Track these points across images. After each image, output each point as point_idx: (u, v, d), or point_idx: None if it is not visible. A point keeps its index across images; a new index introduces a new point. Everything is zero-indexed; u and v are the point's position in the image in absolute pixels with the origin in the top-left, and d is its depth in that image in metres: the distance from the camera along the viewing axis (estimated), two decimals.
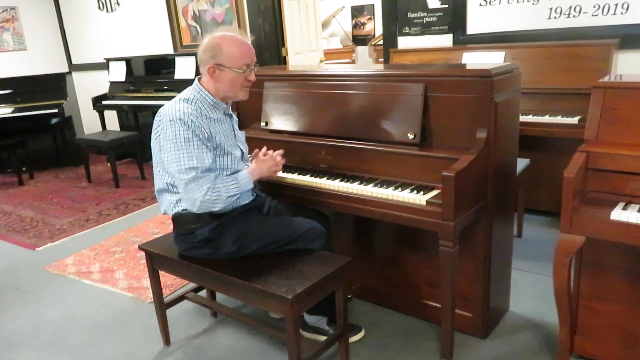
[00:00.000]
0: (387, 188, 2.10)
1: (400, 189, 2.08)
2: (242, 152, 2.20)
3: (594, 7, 3.59)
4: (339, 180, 2.26)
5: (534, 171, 3.35)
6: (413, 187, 2.10)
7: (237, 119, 2.34)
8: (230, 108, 2.19)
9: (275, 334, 2.09)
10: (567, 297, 1.84)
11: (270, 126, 2.63)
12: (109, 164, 5.63)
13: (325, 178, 2.30)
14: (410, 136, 2.16)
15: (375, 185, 2.15)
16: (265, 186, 2.42)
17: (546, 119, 3.18)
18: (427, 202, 1.96)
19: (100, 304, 2.88)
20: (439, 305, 2.38)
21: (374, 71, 2.40)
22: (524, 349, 2.24)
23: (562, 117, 3.16)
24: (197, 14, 5.58)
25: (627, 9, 3.47)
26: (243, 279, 1.91)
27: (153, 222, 4.08)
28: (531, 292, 2.66)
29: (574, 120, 3.10)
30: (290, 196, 2.37)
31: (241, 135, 2.27)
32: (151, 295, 2.87)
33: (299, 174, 2.39)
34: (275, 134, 2.61)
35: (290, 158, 2.54)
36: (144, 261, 3.34)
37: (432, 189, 2.06)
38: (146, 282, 3.06)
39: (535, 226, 3.48)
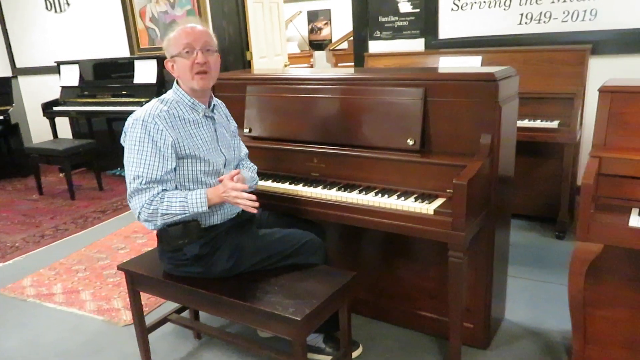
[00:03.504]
0: (389, 197, 2.00)
1: (403, 198, 1.99)
2: (225, 159, 2.01)
3: (564, 13, 3.65)
4: (335, 189, 2.14)
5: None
6: (416, 195, 2.01)
7: (234, 124, 2.19)
8: (213, 109, 2.02)
9: (276, 357, 1.94)
10: (582, 306, 1.80)
11: (255, 133, 2.49)
12: (61, 174, 5.28)
13: (320, 187, 2.17)
14: (410, 142, 2.08)
15: (376, 194, 2.05)
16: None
17: (526, 123, 3.18)
18: (435, 211, 1.87)
19: (67, 330, 2.63)
20: (437, 317, 2.32)
21: (370, 75, 2.30)
22: (525, 358, 2.19)
23: (541, 121, 3.18)
24: (156, 16, 5.33)
25: (596, 15, 3.55)
26: (243, 300, 1.76)
27: (117, 237, 3.82)
28: (523, 299, 2.63)
29: (554, 124, 3.12)
30: (282, 207, 2.23)
31: (230, 139, 2.10)
32: (125, 317, 2.67)
33: (290, 184, 2.26)
34: (261, 141, 2.46)
35: (279, 166, 2.41)
36: (113, 280, 3.12)
37: (436, 197, 1.98)
38: (117, 302, 2.83)
39: (515, 230, 3.46)
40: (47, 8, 5.97)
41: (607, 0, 3.46)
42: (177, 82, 1.96)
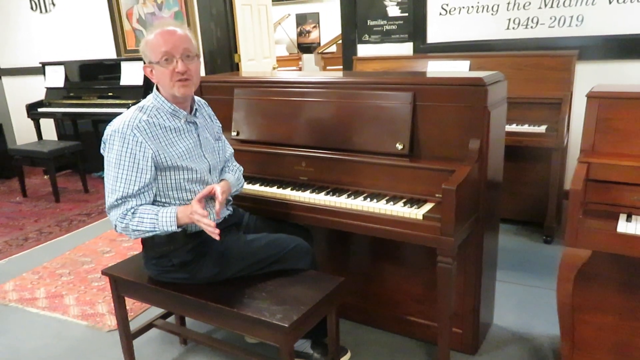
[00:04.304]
0: (378, 202, 1.99)
1: (392, 203, 1.97)
2: (209, 165, 1.98)
3: (551, 18, 3.68)
4: (323, 193, 2.13)
5: None
6: (405, 200, 2.00)
7: (217, 124, 2.15)
8: (195, 113, 1.97)
9: None
10: (570, 312, 1.80)
11: (242, 136, 2.46)
12: (46, 177, 5.20)
13: (309, 191, 2.15)
14: (399, 147, 2.07)
15: (365, 198, 2.03)
16: (242, 201, 2.25)
17: (513, 127, 3.19)
18: (424, 216, 1.86)
19: (51, 335, 2.57)
20: (425, 322, 2.31)
21: (359, 79, 2.29)
22: None
23: (528, 126, 3.19)
24: (143, 17, 5.28)
25: (582, 21, 3.58)
26: (230, 306, 1.73)
27: (102, 240, 3.76)
28: (510, 303, 2.63)
29: (541, 129, 3.14)
30: (270, 211, 2.21)
31: (214, 143, 2.06)
32: (109, 322, 2.63)
33: (278, 188, 2.23)
34: (249, 144, 2.44)
35: (267, 170, 2.39)
36: (97, 284, 3.07)
37: (425, 202, 1.98)
38: (102, 307, 2.78)
39: (503, 235, 3.44)
40: (32, 8, 5.89)
41: (594, 6, 3.50)
42: (157, 88, 1.91)
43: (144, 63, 1.88)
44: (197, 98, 2.04)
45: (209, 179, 1.96)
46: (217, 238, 1.72)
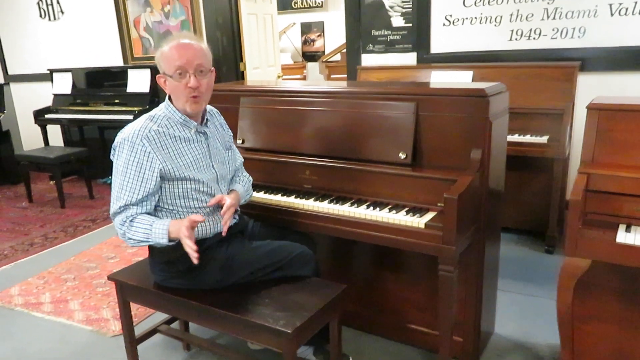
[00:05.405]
0: (380, 210, 2.02)
1: (394, 211, 2.00)
2: (217, 175, 2.00)
3: (553, 30, 3.71)
4: (327, 201, 2.16)
5: None
6: (407, 209, 2.02)
7: (229, 133, 2.18)
8: (206, 123, 2.00)
9: None
10: (570, 321, 1.82)
11: (248, 144, 2.50)
12: (52, 182, 5.24)
13: (313, 199, 2.18)
14: (402, 156, 2.10)
15: (368, 207, 2.06)
16: (247, 208, 2.28)
17: (515, 137, 3.22)
18: (426, 225, 1.89)
19: (55, 340, 2.60)
20: (426, 330, 2.33)
21: (363, 89, 2.32)
22: None
23: (530, 136, 3.22)
24: (150, 25, 5.34)
25: (584, 32, 3.61)
26: (234, 312, 1.76)
27: (107, 246, 3.79)
28: (512, 312, 2.65)
29: (543, 139, 3.16)
30: (274, 218, 2.23)
31: (225, 152, 2.09)
32: (113, 327, 2.66)
33: (282, 195, 2.26)
34: (254, 152, 2.47)
35: (271, 178, 2.42)
36: (102, 289, 3.11)
37: (427, 210, 2.00)
38: (106, 312, 2.81)
39: (505, 244, 3.48)
40: (41, 16, 5.97)
41: (596, 18, 3.53)
42: (169, 97, 1.94)
43: (157, 72, 1.91)
44: (209, 107, 2.07)
45: (216, 189, 1.99)
46: (195, 262, 1.73)
